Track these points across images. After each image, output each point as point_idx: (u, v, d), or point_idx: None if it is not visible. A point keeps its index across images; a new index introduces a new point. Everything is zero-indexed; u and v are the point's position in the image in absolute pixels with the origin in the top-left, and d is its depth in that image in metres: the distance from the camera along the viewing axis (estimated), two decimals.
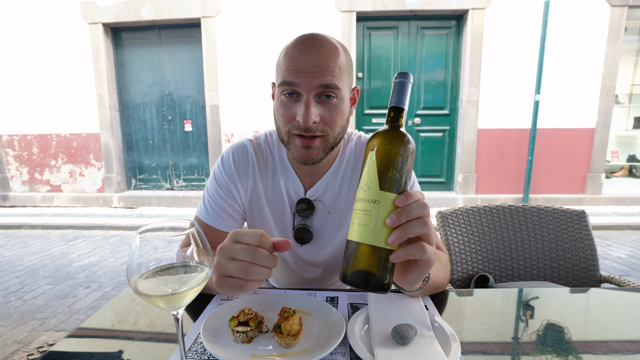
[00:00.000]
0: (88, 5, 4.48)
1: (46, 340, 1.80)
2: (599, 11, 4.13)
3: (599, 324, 0.62)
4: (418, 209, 0.48)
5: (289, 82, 0.68)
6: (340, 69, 0.69)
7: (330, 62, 0.67)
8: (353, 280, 0.48)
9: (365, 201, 0.48)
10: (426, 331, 0.56)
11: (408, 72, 0.52)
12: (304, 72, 0.67)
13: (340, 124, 0.73)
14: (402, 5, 4.22)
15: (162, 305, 0.42)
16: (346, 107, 0.73)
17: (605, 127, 4.30)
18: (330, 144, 0.73)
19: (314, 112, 0.67)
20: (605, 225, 3.68)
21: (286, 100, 0.70)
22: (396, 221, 0.46)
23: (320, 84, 0.67)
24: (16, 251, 3.23)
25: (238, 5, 4.39)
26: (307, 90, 0.67)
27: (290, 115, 0.70)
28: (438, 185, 4.78)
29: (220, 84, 4.56)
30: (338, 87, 0.68)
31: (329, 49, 0.68)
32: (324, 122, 0.70)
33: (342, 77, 0.69)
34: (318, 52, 0.67)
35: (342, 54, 0.71)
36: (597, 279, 1.13)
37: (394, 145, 0.49)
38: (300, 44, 0.68)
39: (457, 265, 1.16)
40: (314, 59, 0.67)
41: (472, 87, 4.32)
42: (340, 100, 0.70)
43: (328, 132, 0.71)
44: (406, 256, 0.48)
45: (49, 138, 4.84)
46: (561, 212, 1.19)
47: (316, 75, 0.66)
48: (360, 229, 0.48)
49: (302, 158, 0.73)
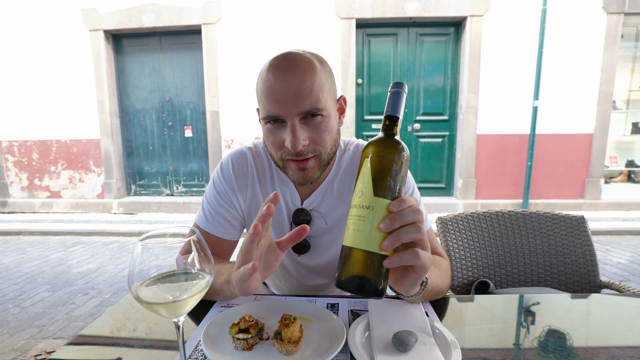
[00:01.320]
0: (89, 12, 4.52)
1: (44, 348, 1.79)
2: (595, 18, 4.17)
3: (600, 330, 0.62)
4: (412, 214, 0.48)
5: (271, 116, 0.68)
6: (319, 86, 0.67)
7: (307, 84, 0.65)
8: (347, 285, 0.49)
9: (360, 207, 0.49)
10: (427, 338, 0.56)
11: (403, 83, 0.54)
12: (283, 101, 0.65)
13: (331, 139, 0.72)
14: (401, 12, 4.26)
15: (164, 313, 0.42)
16: (334, 121, 0.72)
17: (603, 132, 4.32)
18: (325, 161, 0.73)
19: (302, 137, 0.67)
20: (605, 231, 3.68)
21: (272, 128, 0.70)
22: (390, 226, 0.47)
23: (301, 111, 0.66)
24: (15, 258, 3.22)
25: (238, 12, 4.43)
26: (290, 117, 0.66)
27: (279, 143, 0.70)
28: (438, 190, 4.79)
29: (220, 90, 4.59)
30: (320, 108, 0.67)
31: (303, 69, 0.66)
32: (313, 142, 0.69)
33: (323, 95, 0.68)
34: (293, 75, 0.65)
35: (319, 68, 0.68)
36: (597, 285, 1.13)
37: (388, 153, 0.50)
38: (275, 69, 0.66)
39: (457, 271, 1.16)
40: (290, 84, 0.65)
41: (471, 93, 4.34)
42: (327, 116, 0.69)
43: (320, 151, 0.70)
44: (400, 262, 0.48)
45: (49, 144, 4.85)
46: (561, 218, 1.19)
47: (295, 102, 0.65)
48: (354, 235, 0.49)
49: (299, 180, 0.73)
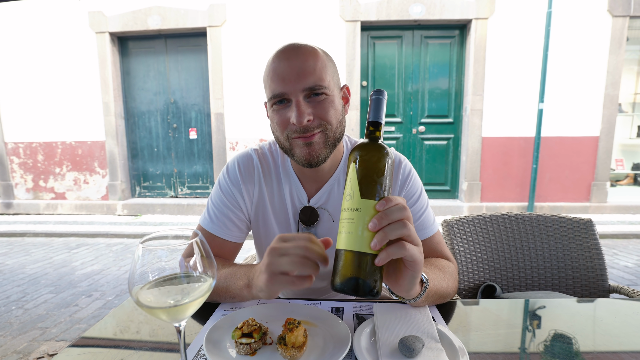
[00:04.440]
0: (96, 15, 4.56)
1: (46, 351, 1.79)
2: (600, 21, 4.14)
3: (610, 336, 0.61)
4: (398, 212, 0.49)
5: (277, 94, 0.70)
6: (322, 67, 0.70)
7: (310, 63, 0.69)
8: (342, 287, 0.50)
9: (349, 210, 0.50)
10: (434, 343, 0.55)
11: (383, 90, 0.56)
12: (287, 79, 0.69)
13: (336, 117, 0.73)
14: (406, 15, 4.26)
15: (164, 317, 0.42)
16: (338, 103, 0.74)
17: (609, 135, 4.29)
18: (330, 139, 0.73)
19: (306, 111, 0.69)
20: (612, 234, 3.64)
21: (278, 108, 0.72)
22: (377, 225, 0.48)
23: (305, 87, 0.69)
24: (19, 259, 3.23)
25: (244, 15, 4.45)
26: (294, 94, 0.69)
27: (284, 121, 0.71)
28: (443, 193, 4.76)
29: (225, 92, 4.60)
30: (323, 86, 0.70)
31: (307, 51, 0.70)
32: (318, 117, 0.71)
33: (326, 76, 0.71)
34: (297, 56, 0.69)
35: (322, 55, 0.72)
36: (606, 289, 1.11)
37: (372, 157, 0.52)
38: (280, 53, 0.71)
39: (463, 275, 1.15)
40: (294, 63, 0.69)
41: (476, 96, 4.32)
42: (331, 96, 0.72)
43: (326, 126, 0.72)
44: (388, 256, 0.49)
45: (54, 145, 4.88)
46: (568, 221, 1.17)
47: (299, 79, 0.68)
48: (345, 237, 0.50)
49: (306, 158, 0.73)
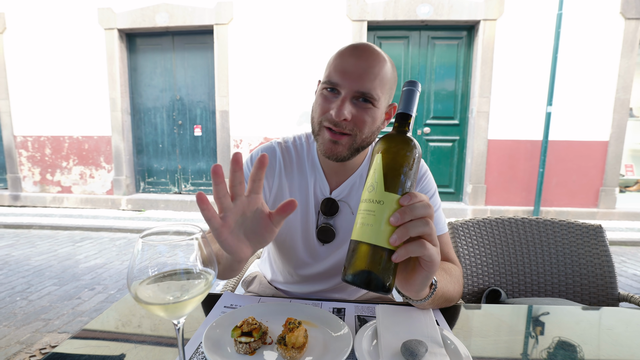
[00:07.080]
0: (105, 12, 4.59)
1: (49, 342, 1.80)
2: (612, 23, 4.08)
3: (621, 346, 0.59)
4: (422, 208, 0.48)
5: (332, 82, 0.72)
6: (382, 80, 0.71)
7: (375, 70, 0.70)
8: (355, 279, 0.48)
9: (370, 202, 0.49)
10: (437, 348, 0.53)
11: (417, 81, 0.54)
12: (347, 74, 0.70)
13: (370, 128, 0.74)
14: (413, 15, 4.23)
15: (162, 314, 0.41)
16: (380, 116, 0.75)
17: (619, 140, 4.22)
18: (356, 145, 0.74)
19: (347, 110, 0.70)
20: (620, 241, 3.58)
21: (326, 94, 0.74)
22: (399, 219, 0.47)
23: (359, 89, 0.70)
24: (24, 251, 3.26)
25: (251, 13, 4.44)
26: (346, 90, 0.70)
27: (325, 108, 0.73)
28: (447, 195, 4.72)
29: (230, 90, 4.60)
30: (374, 97, 0.70)
31: (378, 57, 0.71)
32: (354, 121, 0.72)
33: (382, 88, 0.72)
34: (366, 57, 0.70)
35: (389, 67, 0.74)
36: (615, 298, 1.09)
37: (400, 149, 0.50)
38: (353, 48, 0.73)
39: (467, 279, 1.13)
40: (359, 64, 0.70)
41: (482, 98, 4.28)
42: (376, 109, 0.73)
43: (356, 133, 0.73)
44: (407, 253, 0.47)
45: (61, 140, 4.92)
46: (576, 227, 1.15)
47: (358, 79, 0.69)
48: (363, 229, 0.48)
49: (327, 151, 0.74)
